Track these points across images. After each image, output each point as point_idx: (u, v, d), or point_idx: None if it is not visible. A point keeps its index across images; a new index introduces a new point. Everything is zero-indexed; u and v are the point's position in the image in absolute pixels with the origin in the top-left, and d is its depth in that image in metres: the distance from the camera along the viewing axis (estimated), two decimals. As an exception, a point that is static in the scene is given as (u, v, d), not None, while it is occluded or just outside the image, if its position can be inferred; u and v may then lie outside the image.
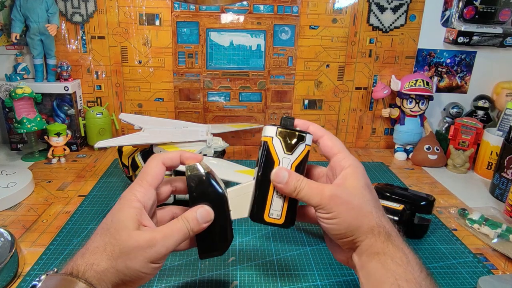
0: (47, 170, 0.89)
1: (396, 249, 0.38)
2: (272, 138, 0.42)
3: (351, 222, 0.38)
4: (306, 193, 0.40)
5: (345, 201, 0.39)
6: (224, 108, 1.07)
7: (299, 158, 0.42)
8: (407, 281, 0.36)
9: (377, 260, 0.38)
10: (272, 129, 0.43)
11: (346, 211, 0.38)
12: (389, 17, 1.02)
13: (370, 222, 0.39)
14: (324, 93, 1.07)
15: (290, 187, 0.40)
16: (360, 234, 0.39)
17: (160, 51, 1.01)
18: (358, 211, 0.39)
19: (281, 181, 0.41)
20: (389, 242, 0.38)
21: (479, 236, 0.69)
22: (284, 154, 0.42)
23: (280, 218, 0.43)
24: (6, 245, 0.55)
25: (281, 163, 0.42)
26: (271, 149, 0.42)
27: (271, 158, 0.42)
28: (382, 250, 0.38)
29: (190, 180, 0.42)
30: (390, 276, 0.36)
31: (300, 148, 0.42)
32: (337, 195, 0.39)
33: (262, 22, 1.00)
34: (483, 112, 1.07)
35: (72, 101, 1.00)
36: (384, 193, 0.69)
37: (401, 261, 0.37)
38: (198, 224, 0.40)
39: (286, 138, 0.42)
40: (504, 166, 0.82)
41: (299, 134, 0.42)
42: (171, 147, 0.72)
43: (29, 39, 0.94)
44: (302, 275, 0.57)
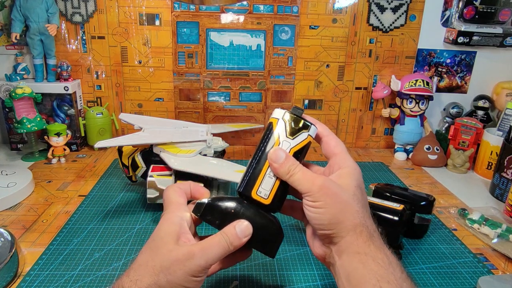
0: (47, 170, 0.89)
1: (377, 250, 0.38)
2: (277, 120, 0.43)
3: (336, 214, 0.39)
4: (298, 178, 0.40)
5: (334, 193, 0.39)
6: (224, 108, 1.07)
7: (299, 145, 0.43)
8: (389, 283, 0.36)
9: (358, 260, 0.38)
10: (280, 112, 0.43)
11: (332, 203, 0.39)
12: (389, 17, 1.02)
13: (354, 220, 0.39)
14: (324, 93, 1.07)
15: (284, 169, 0.41)
16: (341, 229, 0.39)
17: (160, 51, 1.01)
18: (345, 206, 0.39)
19: (277, 161, 0.41)
20: (371, 242, 0.38)
21: (479, 236, 0.69)
22: (285, 137, 0.42)
23: (267, 198, 0.42)
24: (6, 245, 0.55)
25: (281, 145, 0.42)
26: (274, 130, 0.43)
27: (272, 138, 0.42)
28: (363, 250, 0.38)
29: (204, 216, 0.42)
30: (372, 277, 0.36)
31: (302, 136, 0.43)
32: (327, 186, 0.39)
33: (262, 22, 1.00)
34: (483, 112, 1.07)
35: (72, 101, 1.00)
36: (384, 193, 0.69)
37: (383, 262, 0.37)
38: (238, 239, 0.41)
39: (291, 123, 0.43)
40: (504, 166, 0.82)
41: (304, 123, 0.43)
42: (171, 147, 0.72)
43: (29, 39, 0.94)
44: (302, 275, 0.57)
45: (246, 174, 0.43)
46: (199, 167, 0.69)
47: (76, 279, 0.55)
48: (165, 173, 0.70)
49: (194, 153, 0.72)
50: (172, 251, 0.38)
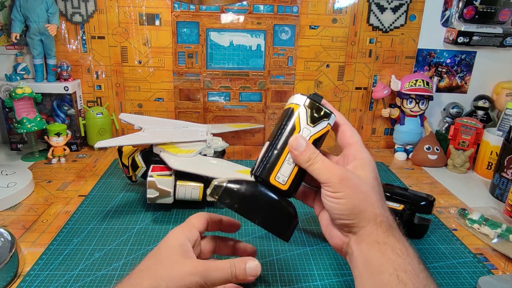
0: (47, 170, 0.89)
1: (396, 241, 0.39)
2: (299, 106, 0.43)
3: (357, 205, 0.39)
4: (319, 167, 0.40)
5: (354, 184, 0.40)
6: (224, 108, 1.07)
7: (319, 133, 0.43)
8: (406, 272, 0.36)
9: (377, 249, 0.38)
10: (302, 98, 0.43)
11: (353, 194, 0.39)
12: (389, 17, 1.02)
13: (374, 210, 0.39)
14: (324, 93, 1.07)
15: (304, 157, 0.41)
16: (362, 219, 0.39)
17: (160, 51, 1.01)
18: (365, 197, 0.40)
19: (298, 149, 0.41)
20: (390, 233, 0.39)
21: (479, 236, 0.69)
22: (306, 125, 0.42)
23: (285, 184, 0.42)
24: (6, 245, 0.55)
25: (301, 132, 0.42)
26: (296, 116, 0.42)
27: (293, 124, 0.42)
28: (383, 240, 0.38)
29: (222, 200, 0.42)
30: (390, 266, 0.37)
31: (323, 124, 0.43)
32: (348, 177, 0.40)
33: (262, 22, 1.00)
34: (483, 112, 1.07)
35: (72, 101, 1.00)
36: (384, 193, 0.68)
37: (401, 252, 0.38)
38: (244, 276, 0.41)
39: (313, 111, 0.42)
40: (504, 166, 0.82)
41: (325, 111, 0.43)
42: (171, 147, 0.72)
43: (29, 39, 0.94)
44: (302, 275, 0.57)
45: (264, 157, 0.43)
46: (199, 167, 0.69)
47: (76, 279, 0.55)
48: (165, 173, 0.70)
49: (194, 153, 0.72)
50: (178, 263, 0.39)
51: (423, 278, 0.37)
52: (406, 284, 0.36)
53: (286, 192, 0.43)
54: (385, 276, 0.36)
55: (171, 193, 0.69)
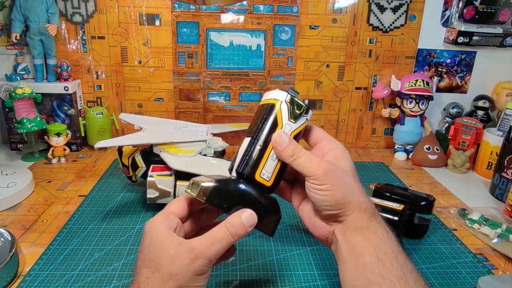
0: (47, 170, 0.89)
1: (378, 225, 0.41)
2: (280, 102, 0.43)
3: (343, 195, 0.41)
4: (304, 161, 0.42)
5: (338, 175, 0.41)
6: (224, 108, 1.07)
7: (299, 129, 0.44)
8: (386, 253, 0.38)
9: (361, 233, 0.40)
10: (282, 94, 0.43)
11: (339, 185, 0.41)
12: (389, 17, 1.02)
13: (359, 198, 0.41)
14: (324, 93, 1.07)
15: (288, 152, 0.42)
16: (348, 208, 0.41)
17: (160, 51, 1.01)
18: (349, 187, 0.41)
19: (281, 144, 0.42)
20: (373, 218, 0.41)
21: (479, 236, 0.69)
22: (287, 121, 0.43)
23: (269, 180, 0.43)
24: (6, 245, 0.55)
25: (283, 128, 0.43)
26: (277, 112, 0.43)
27: (275, 120, 0.43)
28: (366, 224, 0.40)
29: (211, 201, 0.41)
30: (371, 248, 0.39)
31: (302, 120, 0.44)
32: (332, 169, 0.41)
33: (262, 22, 1.00)
34: (483, 112, 1.07)
35: (72, 101, 1.00)
36: (384, 193, 0.69)
37: (382, 236, 0.40)
38: (244, 229, 0.41)
39: (294, 107, 0.43)
40: (504, 166, 0.82)
41: (305, 107, 0.44)
42: (171, 147, 0.72)
43: (29, 39, 0.94)
44: (302, 275, 0.57)
45: (246, 154, 0.43)
46: (199, 167, 0.69)
47: (76, 279, 0.55)
48: (165, 173, 0.70)
49: (194, 153, 0.72)
50: (175, 257, 0.38)
51: (402, 259, 0.39)
52: (385, 264, 0.38)
53: (270, 188, 0.44)
54: (366, 257, 0.38)
55: (171, 193, 0.69)
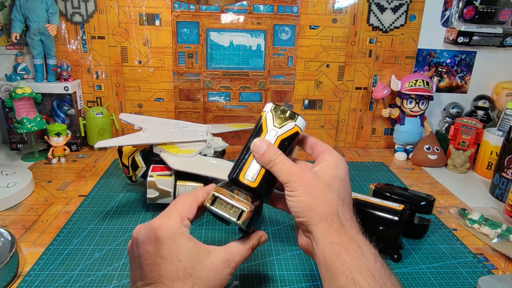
0: (47, 170, 0.89)
1: (350, 241, 0.39)
2: (266, 112, 0.46)
3: (309, 202, 0.40)
4: (279, 168, 0.42)
5: (309, 183, 0.41)
6: (224, 108, 1.07)
7: (285, 134, 0.45)
8: (361, 273, 0.37)
9: (332, 250, 0.39)
10: (269, 105, 0.46)
11: (306, 192, 0.41)
12: (389, 17, 1.02)
13: (326, 208, 0.40)
14: (324, 93, 1.07)
15: (265, 159, 0.43)
16: (313, 217, 0.40)
17: (160, 51, 1.01)
18: (318, 195, 0.41)
19: (258, 152, 0.43)
20: (343, 232, 0.40)
21: (479, 236, 0.69)
22: (272, 126, 0.45)
23: (254, 181, 0.44)
24: (6, 245, 0.55)
25: (268, 134, 0.45)
26: (263, 120, 0.46)
27: (260, 127, 0.45)
28: (336, 240, 0.39)
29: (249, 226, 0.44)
30: (345, 268, 0.37)
31: (289, 125, 0.45)
32: (304, 177, 0.41)
33: (262, 22, 1.00)
34: (483, 112, 1.07)
35: (72, 101, 1.00)
36: (384, 193, 0.69)
37: (355, 253, 0.38)
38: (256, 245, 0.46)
39: (278, 113, 0.45)
40: (504, 166, 0.82)
41: (290, 112, 0.45)
42: (171, 147, 0.72)
43: (29, 39, 0.94)
44: (302, 275, 0.57)
45: (236, 162, 0.46)
46: (199, 167, 0.69)
47: (76, 279, 0.55)
48: (165, 173, 0.70)
49: (194, 153, 0.72)
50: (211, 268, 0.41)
51: (379, 276, 0.37)
52: (362, 286, 0.36)
53: (257, 189, 0.44)
54: (341, 279, 0.37)
55: (171, 193, 0.69)
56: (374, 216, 0.59)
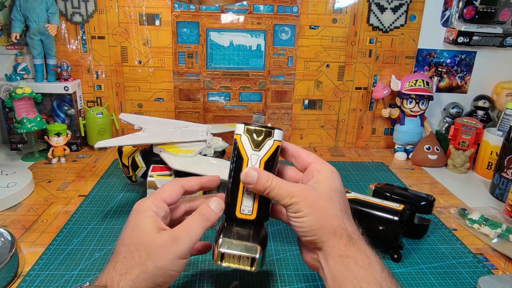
0: (47, 170, 0.89)
1: (358, 252, 0.40)
2: (240, 136, 0.43)
3: (316, 221, 0.40)
4: (277, 193, 0.41)
5: (312, 201, 0.40)
6: (224, 108, 1.07)
7: (267, 154, 0.43)
8: (368, 283, 0.37)
9: (341, 263, 0.39)
10: (241, 127, 0.43)
11: (312, 211, 0.40)
12: (389, 17, 1.02)
13: (333, 223, 0.40)
14: (324, 93, 1.07)
15: (260, 187, 0.41)
16: (323, 234, 0.40)
17: (160, 51, 1.01)
18: (323, 212, 0.40)
19: (251, 182, 0.41)
20: (351, 244, 0.40)
21: (479, 236, 0.69)
22: (252, 151, 0.43)
23: (252, 213, 0.43)
24: (6, 245, 0.55)
25: (250, 160, 0.43)
26: (239, 147, 0.43)
27: (240, 155, 0.43)
28: (345, 252, 0.39)
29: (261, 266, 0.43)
30: (353, 278, 0.38)
31: (268, 144, 0.43)
32: (306, 197, 0.41)
33: (262, 22, 1.00)
34: (483, 112, 1.07)
35: (72, 101, 1.00)
36: (384, 193, 0.69)
37: (363, 263, 0.39)
38: (214, 214, 0.43)
39: (253, 135, 0.43)
40: (504, 166, 0.82)
41: (266, 130, 0.43)
42: (171, 147, 0.72)
43: (29, 39, 0.94)
44: (302, 275, 0.57)
45: (226, 197, 0.44)
46: (199, 167, 0.69)
47: (76, 279, 0.55)
48: (165, 173, 0.70)
49: (194, 153, 0.72)
50: (156, 238, 0.39)
51: (386, 286, 0.38)
52: None
53: (256, 221, 0.44)
54: None
55: (171, 193, 0.69)
56: (374, 216, 0.59)
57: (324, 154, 1.07)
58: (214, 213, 0.43)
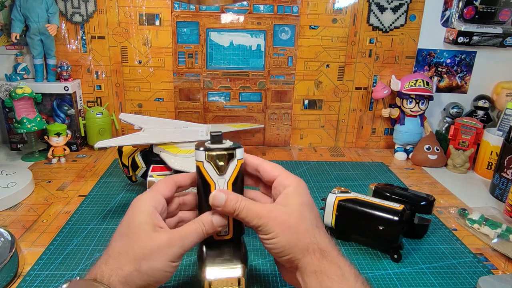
0: (47, 170, 0.89)
1: (330, 265, 0.40)
2: (203, 163, 0.43)
3: (288, 240, 0.40)
4: (246, 215, 0.41)
5: (282, 221, 0.40)
6: (224, 108, 1.07)
7: (233, 175, 0.43)
8: None
9: (315, 278, 0.39)
10: (201, 154, 0.42)
11: (283, 231, 0.40)
12: (389, 17, 1.02)
13: (305, 240, 0.40)
14: (324, 93, 1.07)
15: (229, 209, 0.41)
16: (297, 252, 0.40)
17: (160, 51, 1.01)
18: (294, 230, 0.40)
19: (220, 204, 0.41)
20: (323, 258, 0.40)
21: (479, 236, 0.69)
22: (217, 176, 0.43)
23: (228, 233, 0.44)
24: (6, 245, 0.55)
25: (216, 185, 0.43)
26: (204, 173, 0.43)
27: (206, 182, 0.43)
28: (318, 268, 0.39)
29: None
30: None
31: (232, 165, 0.43)
32: (274, 216, 0.40)
33: (262, 22, 1.00)
34: (483, 112, 1.07)
35: (72, 101, 1.00)
36: (384, 193, 0.69)
37: (337, 277, 0.39)
38: (213, 228, 0.42)
39: (216, 161, 0.42)
40: (504, 166, 0.82)
41: (228, 154, 0.42)
42: (171, 147, 0.72)
43: (29, 39, 0.94)
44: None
45: None
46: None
47: (76, 279, 0.55)
48: (165, 173, 0.70)
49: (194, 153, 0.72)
50: (152, 239, 0.39)
51: None
52: None
53: (234, 239, 0.45)
54: None
55: (171, 193, 0.69)
56: (374, 216, 0.59)
57: (324, 154, 1.07)
58: (213, 226, 0.42)
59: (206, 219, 0.42)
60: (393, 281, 0.57)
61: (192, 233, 0.41)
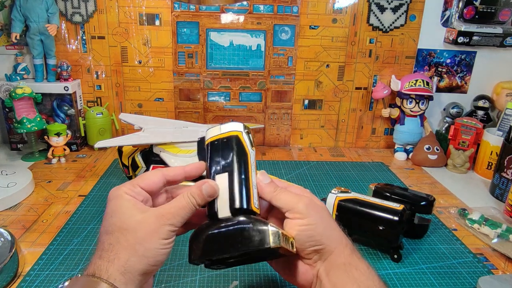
0: (47, 170, 0.89)
1: (359, 261, 0.41)
2: (241, 133, 0.44)
3: (325, 228, 0.41)
4: (285, 196, 0.42)
5: (319, 208, 0.42)
6: (224, 108, 1.07)
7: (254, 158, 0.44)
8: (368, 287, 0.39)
9: (344, 270, 0.40)
10: (239, 125, 0.44)
11: (321, 218, 0.41)
12: (389, 17, 1.02)
13: (339, 233, 0.42)
14: (324, 93, 1.07)
15: (270, 188, 0.42)
16: (330, 243, 0.41)
17: (160, 51, 1.01)
18: (329, 222, 0.42)
19: (264, 180, 0.43)
20: (354, 254, 0.41)
21: (479, 236, 0.69)
22: (250, 149, 0.44)
23: (258, 208, 0.42)
24: (6, 245, 0.55)
25: (251, 156, 0.43)
26: (243, 142, 0.43)
27: (244, 150, 0.43)
28: (347, 260, 0.40)
29: None
30: (354, 283, 0.39)
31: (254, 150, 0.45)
32: (312, 202, 0.42)
33: (262, 22, 1.00)
34: (483, 112, 1.07)
35: (72, 101, 1.00)
36: (384, 193, 0.69)
37: (364, 271, 0.40)
38: (204, 198, 0.41)
39: (249, 135, 0.44)
40: (504, 166, 0.82)
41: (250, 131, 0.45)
42: (171, 147, 0.72)
43: (29, 39, 0.94)
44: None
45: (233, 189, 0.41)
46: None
47: (76, 279, 0.55)
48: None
49: (194, 153, 0.72)
50: (141, 221, 0.38)
51: None
52: None
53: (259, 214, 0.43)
54: None
55: (171, 193, 0.69)
56: (374, 216, 0.59)
57: (324, 154, 1.07)
58: (203, 198, 0.41)
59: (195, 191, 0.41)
60: (393, 281, 0.57)
61: (182, 208, 0.40)
